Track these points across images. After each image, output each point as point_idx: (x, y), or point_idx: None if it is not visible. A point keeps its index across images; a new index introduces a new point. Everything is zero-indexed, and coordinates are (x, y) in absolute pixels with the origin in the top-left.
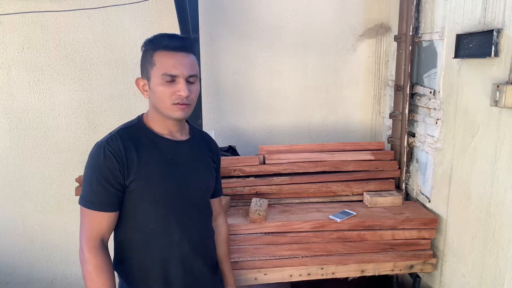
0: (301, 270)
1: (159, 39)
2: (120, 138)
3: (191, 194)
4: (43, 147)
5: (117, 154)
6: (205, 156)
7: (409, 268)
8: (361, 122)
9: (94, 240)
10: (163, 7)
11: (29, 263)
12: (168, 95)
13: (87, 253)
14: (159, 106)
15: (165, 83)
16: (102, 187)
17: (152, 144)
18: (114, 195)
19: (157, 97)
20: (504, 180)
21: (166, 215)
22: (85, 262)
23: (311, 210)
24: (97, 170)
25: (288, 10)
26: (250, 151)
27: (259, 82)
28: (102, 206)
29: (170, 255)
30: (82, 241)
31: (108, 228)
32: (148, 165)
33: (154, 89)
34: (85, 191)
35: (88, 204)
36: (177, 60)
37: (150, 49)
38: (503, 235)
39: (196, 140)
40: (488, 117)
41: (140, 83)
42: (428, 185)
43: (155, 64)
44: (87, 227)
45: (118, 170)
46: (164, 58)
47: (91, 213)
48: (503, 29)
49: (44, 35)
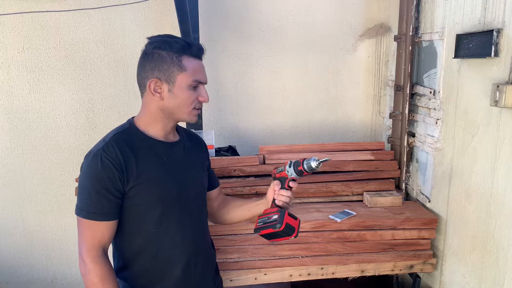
0: (301, 270)
1: (187, 46)
2: (116, 145)
3: (189, 194)
4: (43, 147)
5: (115, 162)
6: (197, 155)
7: (409, 268)
8: (361, 122)
9: (96, 250)
10: (163, 7)
11: (29, 263)
12: (193, 100)
13: (90, 264)
14: (177, 110)
15: (192, 88)
16: (102, 197)
17: (148, 148)
18: (115, 204)
19: (179, 101)
20: (504, 180)
21: (167, 217)
22: (89, 273)
23: (311, 210)
24: (96, 179)
25: (288, 10)
26: (250, 151)
27: (259, 82)
28: (104, 215)
29: (175, 256)
30: (83, 252)
31: (109, 237)
32: (147, 169)
33: (178, 93)
34: (84, 201)
35: (88, 215)
36: (203, 67)
37: (174, 53)
38: (503, 235)
39: (187, 140)
40: (488, 117)
41: (152, 85)
42: (428, 185)
43: (186, 69)
44: (88, 238)
45: (118, 178)
46: (193, 65)
47: (93, 223)
48: (503, 29)
49: (44, 35)
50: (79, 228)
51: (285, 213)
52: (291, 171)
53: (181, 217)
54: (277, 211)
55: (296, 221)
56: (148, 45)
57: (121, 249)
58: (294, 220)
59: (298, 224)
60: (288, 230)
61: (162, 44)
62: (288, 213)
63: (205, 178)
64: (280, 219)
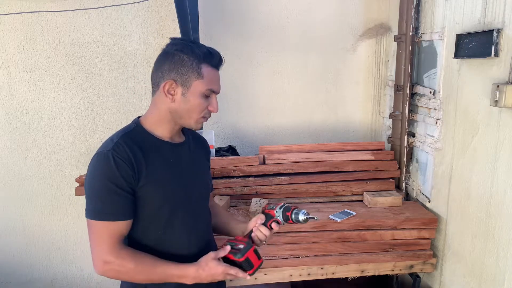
0: (301, 270)
1: (208, 55)
2: (126, 145)
3: (194, 195)
4: (43, 147)
5: (127, 161)
6: (201, 157)
7: (409, 268)
8: (361, 122)
9: (116, 246)
10: (163, 7)
11: (29, 263)
12: (203, 108)
13: (117, 259)
14: (184, 115)
15: (204, 96)
16: (117, 196)
17: (155, 149)
18: (131, 202)
19: (190, 107)
20: (504, 180)
21: (174, 218)
22: (122, 266)
23: (311, 210)
24: (109, 179)
25: (288, 10)
26: (250, 151)
27: (259, 82)
28: (122, 215)
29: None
30: (104, 255)
31: (126, 232)
32: (155, 170)
33: (190, 99)
34: (97, 203)
35: (106, 216)
36: (218, 78)
37: (195, 59)
38: (503, 235)
39: (191, 141)
40: (488, 117)
41: (167, 86)
42: (428, 185)
43: (204, 77)
44: (107, 239)
45: (131, 176)
46: (211, 74)
47: (110, 224)
48: (503, 29)
49: (44, 35)
50: (94, 232)
51: (251, 248)
52: (279, 213)
53: (187, 218)
54: (246, 242)
55: (259, 261)
56: (170, 46)
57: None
58: (257, 259)
59: (259, 264)
60: (246, 264)
61: (185, 48)
62: (254, 250)
63: (209, 179)
64: (243, 251)
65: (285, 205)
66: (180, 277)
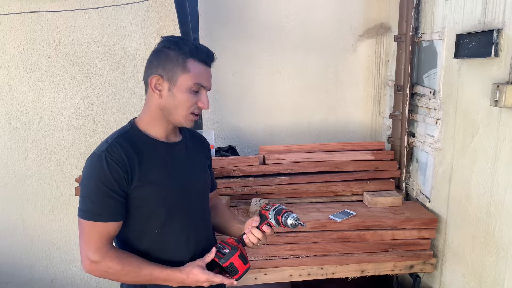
0: (301, 270)
1: (195, 50)
2: (120, 146)
3: (192, 195)
4: (43, 147)
5: (120, 163)
6: (199, 155)
7: (409, 268)
8: (361, 122)
9: (104, 247)
10: (163, 7)
11: (29, 263)
12: (191, 104)
13: (104, 260)
14: (173, 112)
15: (192, 91)
16: (108, 198)
17: (150, 149)
18: (121, 204)
19: (177, 102)
20: (504, 180)
21: (171, 218)
22: (108, 267)
23: (311, 210)
24: (101, 180)
25: (288, 10)
26: (250, 151)
27: (259, 82)
28: (111, 216)
29: (179, 257)
30: (90, 254)
31: (115, 234)
32: (149, 171)
33: (177, 94)
34: (88, 204)
35: (94, 217)
36: (208, 74)
37: (181, 54)
38: (503, 235)
39: (189, 140)
40: (488, 117)
41: (154, 81)
42: (428, 185)
43: (189, 71)
44: (95, 239)
45: (123, 178)
46: (198, 69)
47: (98, 225)
48: (503, 29)
49: (44, 35)
50: (84, 231)
51: (236, 253)
52: (272, 215)
53: (184, 218)
54: (232, 247)
55: (245, 266)
56: (159, 44)
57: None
58: (243, 265)
59: (245, 270)
60: (230, 269)
61: (171, 44)
62: (240, 254)
63: (208, 178)
64: (227, 256)
65: (278, 208)
66: (164, 280)
